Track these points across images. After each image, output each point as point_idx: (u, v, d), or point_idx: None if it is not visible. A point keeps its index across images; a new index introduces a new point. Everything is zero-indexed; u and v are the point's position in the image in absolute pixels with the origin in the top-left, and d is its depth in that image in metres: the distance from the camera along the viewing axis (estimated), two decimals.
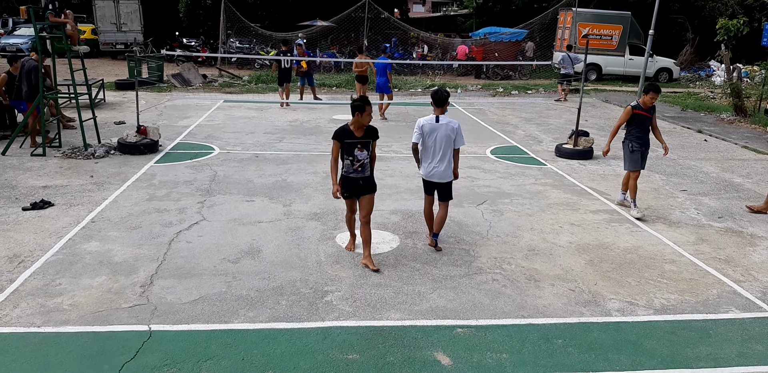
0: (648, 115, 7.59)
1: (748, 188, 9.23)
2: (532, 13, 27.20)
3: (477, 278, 5.65)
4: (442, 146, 6.07)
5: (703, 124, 14.76)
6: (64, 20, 9.57)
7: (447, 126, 6.05)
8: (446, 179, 6.24)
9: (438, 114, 6.07)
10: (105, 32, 26.67)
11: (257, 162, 9.76)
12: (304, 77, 16.49)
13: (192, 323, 4.66)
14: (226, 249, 6.13)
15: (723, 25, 16.98)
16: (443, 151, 6.09)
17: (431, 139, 6.06)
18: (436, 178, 6.21)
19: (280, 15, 28.92)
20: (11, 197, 7.56)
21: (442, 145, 6.06)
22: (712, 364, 4.38)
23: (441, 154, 6.10)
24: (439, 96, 6.06)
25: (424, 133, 6.06)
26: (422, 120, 6.10)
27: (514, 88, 21.18)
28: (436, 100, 6.06)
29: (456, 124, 6.14)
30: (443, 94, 6.10)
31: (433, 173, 6.18)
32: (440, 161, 6.12)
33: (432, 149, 6.10)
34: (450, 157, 6.17)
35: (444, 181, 6.24)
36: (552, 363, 4.31)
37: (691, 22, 28.01)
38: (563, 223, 7.28)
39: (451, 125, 6.08)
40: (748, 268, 6.16)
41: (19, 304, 4.88)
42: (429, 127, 6.04)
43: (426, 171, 6.22)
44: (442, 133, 6.04)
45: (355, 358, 4.29)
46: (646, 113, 7.57)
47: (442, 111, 6.09)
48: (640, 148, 7.64)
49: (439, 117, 6.05)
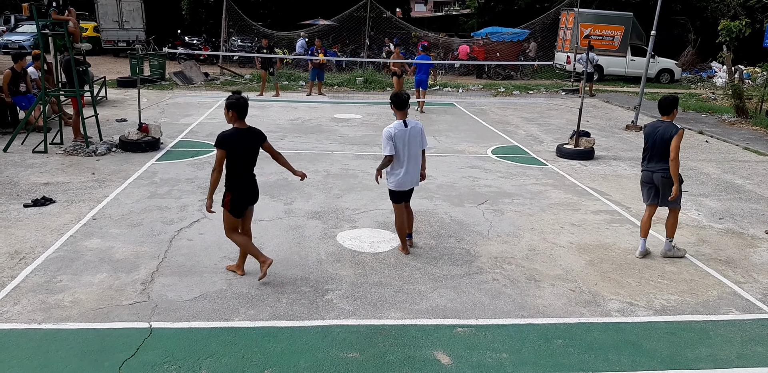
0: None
1: (749, 189, 9.23)
2: (534, 14, 27.18)
3: (477, 278, 5.66)
4: (414, 151, 5.87)
5: (704, 126, 14.75)
6: (67, 17, 9.56)
7: (415, 129, 5.84)
8: (416, 184, 6.10)
9: (402, 119, 5.81)
10: (107, 30, 26.67)
11: (258, 160, 9.74)
12: (316, 71, 17.34)
13: (192, 321, 4.67)
14: (227, 247, 6.13)
15: (725, 27, 17.00)
16: (415, 156, 5.90)
17: (404, 146, 5.78)
18: (407, 186, 5.97)
19: (282, 14, 28.94)
20: (13, 194, 7.56)
21: (414, 150, 5.87)
22: (711, 365, 4.39)
23: (414, 160, 5.89)
24: (399, 99, 5.78)
25: (396, 142, 5.74)
26: (391, 129, 5.73)
27: (516, 88, 21.17)
28: (398, 103, 5.78)
29: (421, 125, 5.98)
30: (404, 96, 5.82)
31: (404, 182, 5.91)
32: (413, 168, 5.91)
33: (405, 157, 5.81)
34: (419, 160, 5.98)
35: (414, 186, 6.08)
36: (552, 363, 4.32)
37: (693, 23, 27.99)
38: (564, 223, 7.29)
39: (418, 127, 5.91)
40: (748, 269, 6.16)
41: (20, 300, 4.89)
42: (401, 134, 5.74)
43: (399, 182, 5.89)
44: (412, 137, 5.82)
45: (355, 357, 4.29)
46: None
47: (404, 115, 5.83)
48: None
49: (405, 122, 5.80)
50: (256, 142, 5.19)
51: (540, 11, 27.23)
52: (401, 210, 6.09)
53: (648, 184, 6.27)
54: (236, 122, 5.08)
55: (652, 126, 6.21)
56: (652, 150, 6.14)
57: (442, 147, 11.34)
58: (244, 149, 5.07)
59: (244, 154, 5.10)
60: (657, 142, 6.06)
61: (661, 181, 6.12)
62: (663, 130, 6.03)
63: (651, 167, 6.17)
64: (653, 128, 6.15)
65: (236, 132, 5.05)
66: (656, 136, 6.06)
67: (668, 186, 6.09)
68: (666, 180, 6.08)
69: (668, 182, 6.07)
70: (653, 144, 6.10)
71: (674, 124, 6.09)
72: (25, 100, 10.98)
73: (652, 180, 6.19)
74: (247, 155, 5.13)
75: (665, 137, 5.99)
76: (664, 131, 6.02)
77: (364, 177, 9.01)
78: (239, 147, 5.03)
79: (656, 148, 6.08)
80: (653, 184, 6.21)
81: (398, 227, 6.15)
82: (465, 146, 11.49)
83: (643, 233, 6.36)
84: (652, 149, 6.13)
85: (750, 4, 25.43)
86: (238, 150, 5.02)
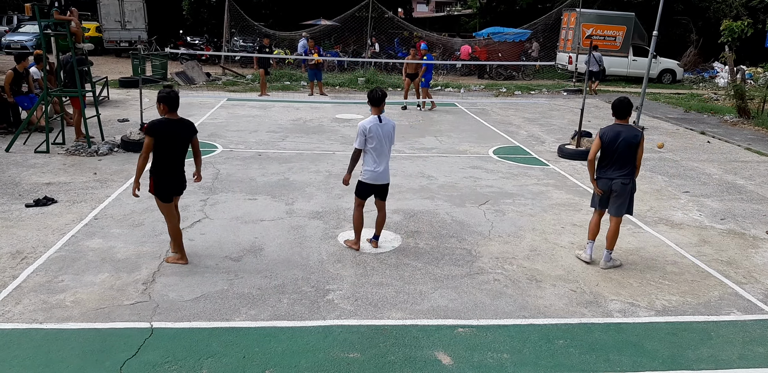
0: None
1: (751, 189, 9.21)
2: (536, 14, 27.16)
3: (478, 278, 5.65)
4: (388, 147, 6.00)
5: (706, 126, 14.74)
6: (69, 18, 9.58)
7: (388, 125, 5.96)
8: (389, 180, 6.17)
9: (377, 114, 5.89)
10: (109, 30, 26.71)
11: (260, 160, 9.77)
12: (313, 72, 17.40)
13: (193, 321, 4.67)
14: (228, 247, 6.14)
15: (727, 27, 16.97)
16: (388, 151, 6.03)
17: (378, 141, 5.86)
18: (381, 180, 6.05)
19: (283, 14, 28.95)
20: (14, 194, 7.58)
21: (388, 145, 5.99)
22: (713, 366, 4.38)
23: (387, 155, 6.03)
24: (374, 95, 5.85)
25: (368, 137, 5.83)
26: (366, 123, 5.84)
27: (518, 89, 21.16)
28: (373, 100, 5.86)
29: (394, 123, 6.10)
30: (379, 92, 5.89)
31: (379, 177, 6.00)
32: (387, 162, 6.04)
33: (380, 151, 5.91)
34: (389, 156, 6.09)
35: (387, 181, 6.16)
36: (553, 364, 4.31)
37: (695, 23, 27.94)
38: (565, 223, 7.28)
39: (392, 123, 6.04)
40: (750, 270, 6.15)
41: (22, 300, 4.90)
42: (375, 128, 5.83)
43: (373, 175, 5.97)
44: (386, 132, 5.93)
45: (355, 357, 4.30)
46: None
47: (379, 111, 5.90)
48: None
49: (380, 117, 5.89)
50: (185, 132, 5.51)
51: (542, 11, 27.22)
52: (362, 205, 6.16)
53: (605, 192, 5.99)
54: (167, 114, 5.44)
55: (613, 131, 5.81)
56: (616, 156, 5.81)
57: (444, 147, 11.34)
58: (171, 138, 5.40)
59: (171, 143, 5.41)
60: (621, 148, 5.76)
61: (620, 187, 5.85)
62: (627, 135, 5.75)
63: (610, 175, 5.89)
64: (616, 133, 5.78)
65: (165, 121, 5.41)
66: (620, 142, 5.75)
67: (624, 192, 5.88)
68: (625, 186, 5.85)
69: (626, 188, 5.87)
70: (616, 149, 5.78)
71: (635, 127, 5.90)
72: (27, 100, 11.00)
73: (610, 188, 5.91)
74: (174, 144, 5.44)
75: (632, 142, 5.75)
76: (628, 135, 5.75)
77: None
78: (166, 135, 5.37)
79: (621, 154, 5.79)
80: (609, 191, 5.96)
81: (355, 221, 6.19)
82: (466, 146, 11.49)
83: (591, 236, 6.14)
84: (615, 155, 5.81)
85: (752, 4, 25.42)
86: (164, 138, 5.36)
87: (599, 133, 5.91)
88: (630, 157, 5.82)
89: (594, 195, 6.16)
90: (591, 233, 6.16)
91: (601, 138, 5.86)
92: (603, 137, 5.85)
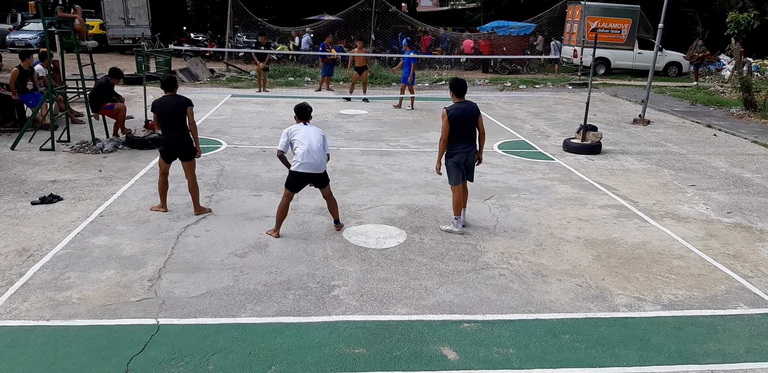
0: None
1: (758, 183, 9.16)
2: (540, 7, 26.99)
3: (484, 273, 5.65)
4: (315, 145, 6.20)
5: (712, 119, 14.65)
6: (73, 15, 9.58)
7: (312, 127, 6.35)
8: (320, 171, 6.30)
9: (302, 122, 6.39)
10: (113, 27, 26.71)
11: (264, 157, 9.77)
12: (327, 67, 17.72)
13: (199, 317, 4.69)
14: (233, 243, 6.15)
15: (733, 19, 16.83)
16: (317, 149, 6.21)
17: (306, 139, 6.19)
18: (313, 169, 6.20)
19: (287, 9, 28.89)
20: (20, 192, 7.60)
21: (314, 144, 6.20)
22: (719, 360, 4.37)
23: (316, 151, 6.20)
24: (304, 111, 6.39)
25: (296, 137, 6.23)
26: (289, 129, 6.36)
27: (522, 83, 21.08)
28: (300, 115, 6.38)
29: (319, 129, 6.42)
30: (309, 108, 6.43)
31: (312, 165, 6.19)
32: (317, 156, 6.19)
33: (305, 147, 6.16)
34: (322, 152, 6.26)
35: (321, 171, 6.31)
36: (559, 358, 4.31)
37: (701, 15, 27.74)
38: (571, 218, 7.26)
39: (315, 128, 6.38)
40: (756, 264, 6.12)
41: (29, 297, 4.92)
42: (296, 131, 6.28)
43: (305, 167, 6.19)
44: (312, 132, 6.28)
45: (361, 352, 4.30)
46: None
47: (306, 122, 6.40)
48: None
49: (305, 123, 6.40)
50: (178, 105, 6.69)
51: (546, 5, 27.05)
52: (290, 197, 6.41)
53: (463, 164, 6.51)
54: (166, 92, 6.81)
55: (458, 109, 6.39)
56: (467, 130, 6.43)
57: None
58: (166, 111, 6.70)
59: (167, 114, 6.70)
60: (469, 123, 6.41)
61: (473, 156, 6.56)
62: (468, 109, 6.40)
63: (465, 148, 6.45)
64: (462, 111, 6.38)
65: (162, 98, 6.81)
66: (465, 117, 6.37)
67: (474, 160, 6.61)
68: (475, 154, 6.59)
69: (475, 156, 6.60)
70: (466, 125, 6.40)
71: (472, 102, 6.50)
72: (32, 98, 11.02)
73: (467, 160, 6.49)
74: (169, 115, 6.70)
75: (474, 115, 6.42)
76: (469, 110, 6.40)
77: (370, 173, 9.01)
78: (162, 109, 6.72)
79: (469, 128, 6.44)
80: (465, 162, 6.51)
81: (280, 210, 6.36)
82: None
83: (458, 211, 6.62)
84: (466, 130, 6.43)
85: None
86: (162, 111, 6.73)
87: (446, 114, 6.39)
88: (474, 129, 6.51)
89: (453, 172, 6.58)
90: (458, 209, 6.63)
91: (450, 117, 6.36)
92: (450, 116, 6.37)
